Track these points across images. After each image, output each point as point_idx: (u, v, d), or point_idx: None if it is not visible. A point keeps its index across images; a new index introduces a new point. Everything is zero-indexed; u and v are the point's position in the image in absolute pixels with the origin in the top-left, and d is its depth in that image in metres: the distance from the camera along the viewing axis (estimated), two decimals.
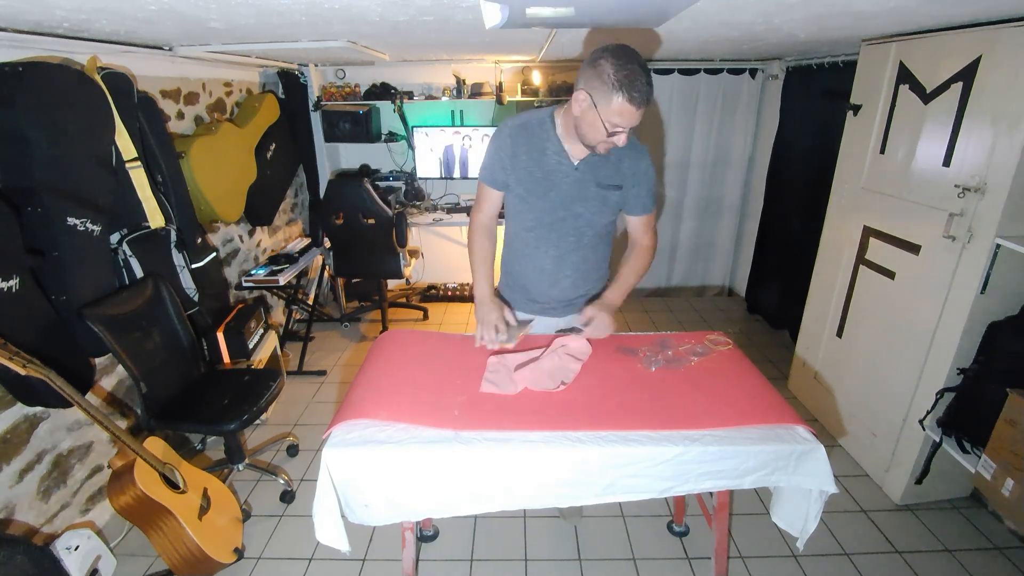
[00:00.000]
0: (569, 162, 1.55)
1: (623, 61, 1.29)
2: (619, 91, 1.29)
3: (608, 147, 1.44)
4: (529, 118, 1.58)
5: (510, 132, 1.57)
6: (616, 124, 1.35)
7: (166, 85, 2.56)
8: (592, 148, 1.47)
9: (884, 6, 1.55)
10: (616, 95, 1.30)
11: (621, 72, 1.28)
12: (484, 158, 1.63)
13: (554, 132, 1.54)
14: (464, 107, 3.97)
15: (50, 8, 1.37)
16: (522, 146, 1.55)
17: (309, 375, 3.26)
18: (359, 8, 1.51)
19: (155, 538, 1.70)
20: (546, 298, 1.72)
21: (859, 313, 2.43)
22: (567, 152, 1.54)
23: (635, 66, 1.29)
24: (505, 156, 1.57)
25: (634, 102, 1.30)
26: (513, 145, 1.56)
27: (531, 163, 1.55)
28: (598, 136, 1.40)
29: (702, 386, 1.45)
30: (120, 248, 2.05)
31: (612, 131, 1.37)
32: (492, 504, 1.29)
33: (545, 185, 1.56)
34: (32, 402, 1.69)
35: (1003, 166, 1.70)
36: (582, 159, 1.54)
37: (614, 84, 1.29)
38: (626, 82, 1.28)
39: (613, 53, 1.31)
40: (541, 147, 1.55)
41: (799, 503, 1.38)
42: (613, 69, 1.29)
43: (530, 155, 1.55)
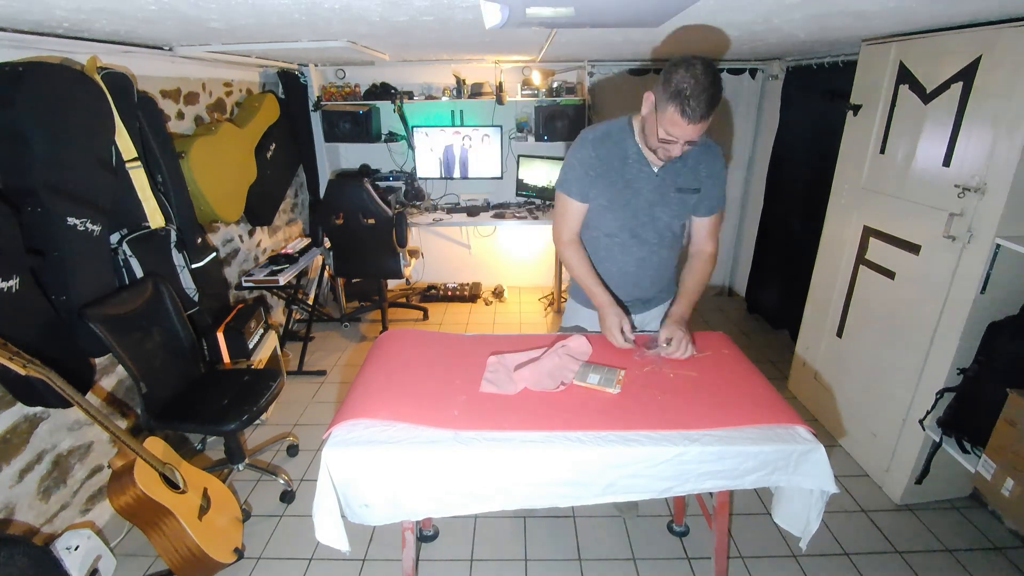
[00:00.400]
0: (650, 169, 1.57)
1: (690, 73, 1.28)
2: (674, 101, 1.31)
3: (665, 154, 1.45)
4: (609, 127, 1.59)
5: (593, 144, 1.57)
6: (668, 133, 1.37)
7: (166, 85, 2.56)
8: (653, 151, 1.49)
9: (884, 6, 1.55)
10: (671, 104, 1.32)
11: (683, 83, 1.29)
12: (565, 171, 1.63)
13: (633, 139, 1.56)
14: (464, 107, 3.97)
15: (50, 8, 1.37)
16: (604, 156, 1.57)
17: (309, 375, 3.26)
18: (359, 8, 1.51)
19: (155, 538, 1.70)
20: (628, 298, 1.75)
21: (859, 313, 2.43)
22: (647, 159, 1.56)
23: (700, 80, 1.28)
24: (589, 169, 1.58)
25: (685, 115, 1.31)
26: (596, 156, 1.57)
27: (613, 173, 1.57)
28: (653, 140, 1.43)
29: (702, 386, 1.45)
30: (120, 248, 2.05)
31: (664, 139, 1.39)
32: (492, 504, 1.29)
33: (627, 194, 1.58)
34: (32, 402, 1.70)
35: (1003, 166, 1.70)
36: (662, 166, 1.56)
37: (672, 93, 1.31)
38: (683, 94, 1.29)
39: (686, 63, 1.30)
40: (623, 156, 1.56)
41: (800, 503, 1.38)
42: (679, 78, 1.29)
43: (612, 165, 1.57)
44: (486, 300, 4.35)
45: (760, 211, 3.82)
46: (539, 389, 1.43)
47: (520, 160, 4.03)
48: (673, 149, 1.41)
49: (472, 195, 4.19)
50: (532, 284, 4.60)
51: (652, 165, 1.56)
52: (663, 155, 1.47)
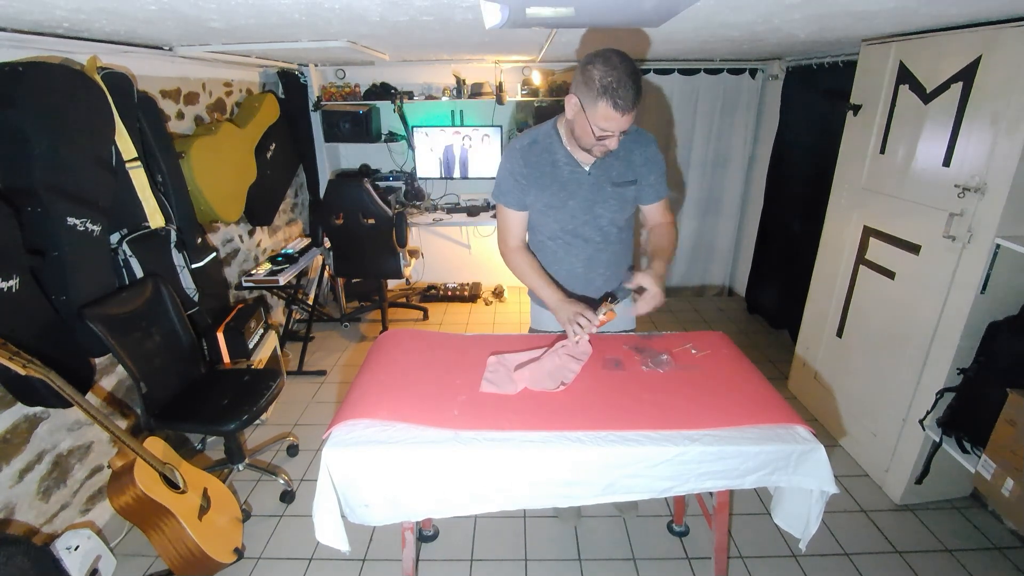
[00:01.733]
0: (581, 169, 1.57)
1: (610, 67, 1.31)
2: (603, 96, 1.32)
3: (602, 150, 1.47)
4: (535, 135, 1.60)
5: (521, 153, 1.58)
6: (603, 128, 1.38)
7: (166, 85, 2.56)
8: (588, 151, 1.49)
9: (884, 6, 1.55)
10: (600, 100, 1.33)
11: (607, 78, 1.30)
12: (499, 183, 1.64)
13: (560, 143, 1.57)
14: (464, 107, 3.97)
15: (50, 8, 1.37)
16: (534, 163, 1.57)
17: (309, 375, 3.26)
18: (359, 8, 1.51)
19: (155, 538, 1.70)
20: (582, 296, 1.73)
21: (859, 313, 2.43)
22: (577, 160, 1.57)
23: (621, 72, 1.30)
24: (520, 177, 1.58)
25: (618, 108, 1.32)
26: (526, 165, 1.58)
27: (545, 177, 1.58)
28: (588, 140, 1.43)
29: (702, 386, 1.45)
30: (120, 248, 2.05)
31: (600, 135, 1.39)
32: (492, 504, 1.29)
33: (562, 196, 1.59)
34: (32, 402, 1.70)
35: (1003, 166, 1.70)
36: (592, 163, 1.56)
37: (599, 90, 1.32)
38: (611, 88, 1.30)
39: (602, 58, 1.32)
40: (552, 160, 1.57)
41: (800, 504, 1.38)
42: (599, 75, 1.31)
43: (543, 170, 1.58)
44: (486, 300, 4.35)
45: (760, 211, 3.82)
46: (539, 389, 1.43)
47: None
48: (610, 143, 1.42)
49: (472, 195, 4.19)
50: None
51: (583, 164, 1.57)
52: (600, 151, 1.48)
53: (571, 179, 1.58)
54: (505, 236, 1.68)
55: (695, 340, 1.71)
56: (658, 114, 3.84)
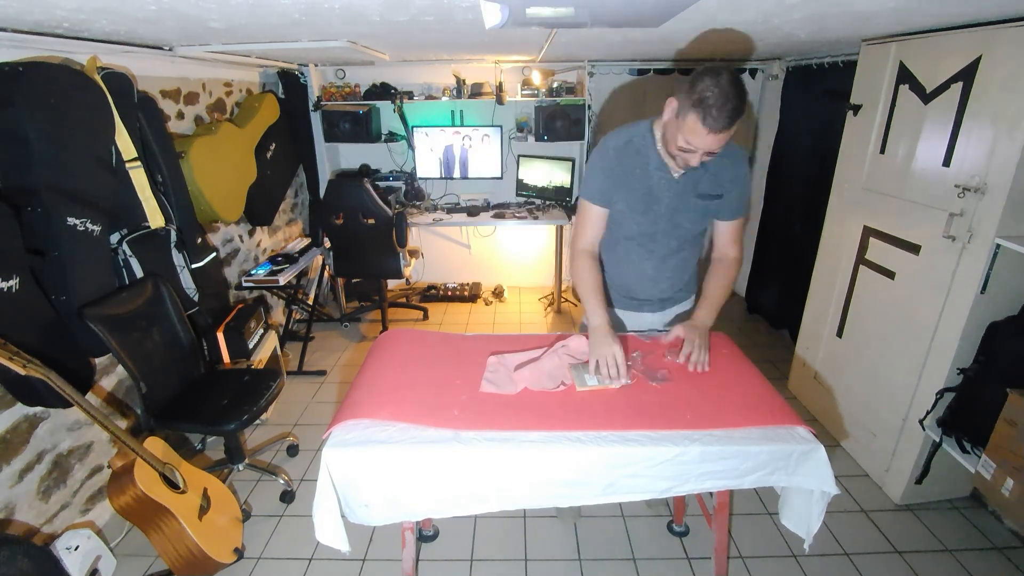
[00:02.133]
0: (670, 176, 1.54)
1: (715, 82, 1.27)
2: (696, 108, 1.29)
3: (684, 163, 1.43)
4: (632, 133, 1.57)
5: (615, 151, 1.56)
6: (688, 142, 1.34)
7: (166, 85, 2.56)
8: (672, 157, 1.46)
9: (884, 6, 1.55)
10: (692, 111, 1.29)
11: (707, 91, 1.27)
12: (587, 178, 1.61)
13: (654, 146, 1.54)
14: (464, 107, 3.97)
15: (50, 8, 1.37)
16: (627, 164, 1.55)
17: (309, 375, 3.26)
18: (359, 8, 1.51)
19: (155, 538, 1.70)
20: (647, 296, 1.76)
21: (859, 313, 2.43)
22: (668, 166, 1.53)
23: (724, 90, 1.26)
24: (610, 175, 1.56)
25: (706, 124, 1.28)
26: (619, 163, 1.55)
27: (634, 180, 1.55)
28: (672, 147, 1.41)
29: (702, 386, 1.45)
30: (120, 248, 2.05)
31: (683, 147, 1.37)
32: (492, 504, 1.28)
33: (648, 200, 1.57)
34: (32, 402, 1.70)
35: (1003, 166, 1.69)
36: (682, 172, 1.53)
37: (695, 101, 1.28)
38: (706, 102, 1.27)
39: (713, 72, 1.29)
40: (644, 163, 1.55)
41: (801, 504, 1.38)
42: (703, 87, 1.27)
43: (633, 172, 1.55)
44: (486, 300, 4.35)
45: (760, 211, 3.82)
46: (539, 389, 1.43)
47: (520, 160, 4.03)
48: (691, 159, 1.39)
49: (472, 195, 4.19)
50: (532, 284, 4.60)
51: (672, 171, 1.54)
52: (681, 163, 1.45)
53: (659, 184, 1.55)
54: (580, 234, 1.65)
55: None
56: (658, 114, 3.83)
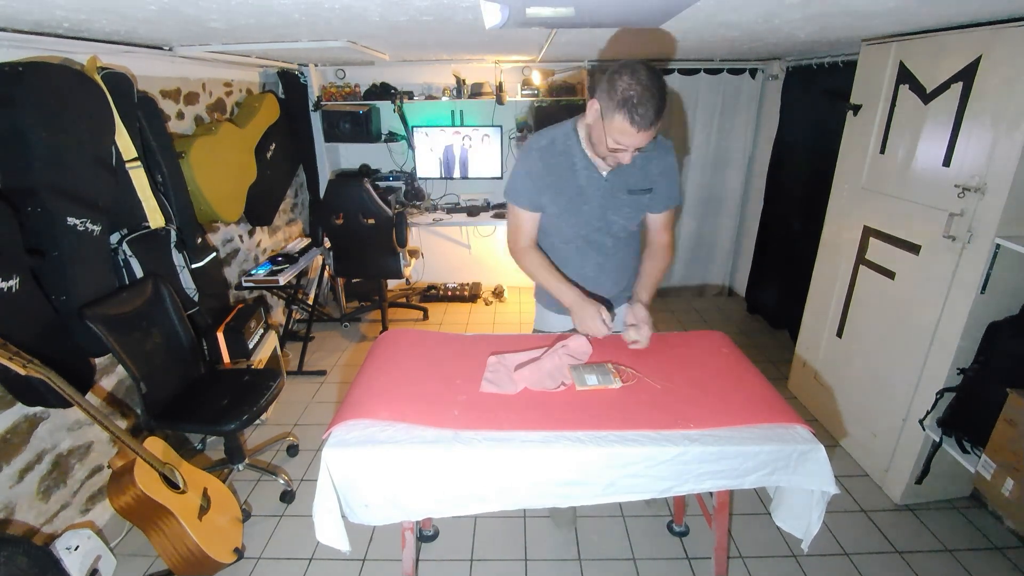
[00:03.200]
0: (599, 175, 1.54)
1: (635, 80, 1.26)
2: (622, 109, 1.28)
3: (614, 162, 1.44)
4: (554, 135, 1.56)
5: (539, 153, 1.55)
6: (617, 141, 1.34)
7: (166, 85, 2.56)
8: (602, 158, 1.47)
9: (884, 6, 1.55)
10: (618, 112, 1.29)
11: (629, 91, 1.26)
12: (513, 182, 1.60)
13: (579, 146, 1.53)
14: (464, 107, 3.97)
15: (50, 8, 1.37)
16: (552, 165, 1.54)
17: (309, 375, 3.26)
18: (359, 8, 1.51)
19: (155, 538, 1.70)
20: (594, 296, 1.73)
21: (859, 313, 2.43)
22: (595, 165, 1.53)
23: (646, 87, 1.26)
24: (536, 177, 1.55)
25: (634, 124, 1.28)
26: (543, 165, 1.54)
27: (562, 181, 1.55)
28: (602, 148, 1.40)
29: (702, 386, 1.45)
30: (120, 248, 2.05)
31: (614, 148, 1.37)
32: (492, 504, 1.28)
33: (578, 200, 1.57)
34: (32, 402, 1.70)
35: (1003, 166, 1.70)
36: (610, 169, 1.53)
37: (619, 101, 1.28)
38: (631, 101, 1.26)
39: (630, 69, 1.28)
40: (570, 163, 1.54)
41: (801, 504, 1.38)
42: (623, 86, 1.27)
43: (560, 173, 1.54)
44: (486, 300, 4.35)
45: (760, 211, 3.82)
46: (539, 389, 1.43)
47: None
48: (623, 157, 1.39)
49: (472, 195, 4.19)
50: (532, 284, 4.58)
51: (600, 170, 1.54)
52: (612, 163, 1.45)
53: (588, 184, 1.55)
54: (516, 236, 1.65)
55: (695, 340, 1.71)
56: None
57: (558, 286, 1.58)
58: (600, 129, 1.37)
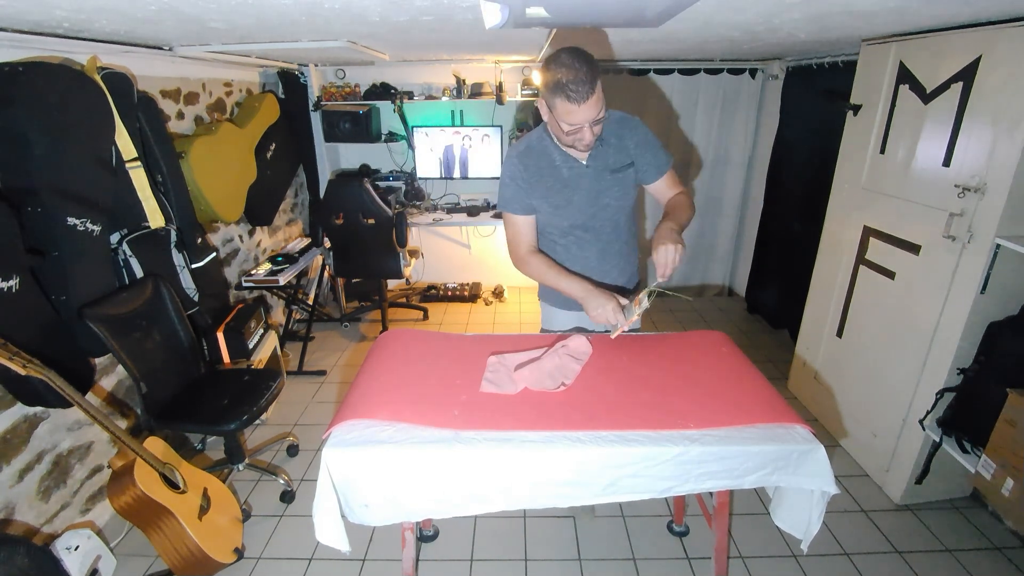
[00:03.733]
0: (579, 164, 1.60)
1: (559, 64, 1.34)
2: (558, 93, 1.35)
3: (582, 144, 1.49)
4: (529, 140, 1.63)
5: (519, 158, 1.61)
6: (569, 123, 1.40)
7: (166, 85, 2.56)
8: (572, 147, 1.53)
9: (884, 6, 1.55)
10: (557, 98, 1.37)
11: (556, 75, 1.34)
12: (503, 191, 1.65)
13: (552, 143, 1.60)
14: (464, 107, 3.97)
15: (50, 8, 1.37)
16: (533, 167, 1.60)
17: (309, 375, 3.26)
18: (359, 8, 1.51)
19: (155, 538, 1.70)
20: None
21: (859, 313, 2.43)
22: (573, 156, 1.59)
23: (570, 66, 1.32)
24: (522, 182, 1.61)
25: (572, 100, 1.34)
26: (525, 169, 1.60)
27: (547, 179, 1.60)
28: (565, 138, 1.47)
29: (702, 386, 1.45)
30: (120, 248, 2.05)
31: (569, 130, 1.42)
32: (492, 504, 1.28)
33: (566, 193, 1.61)
34: (32, 402, 1.70)
35: (1003, 166, 1.70)
36: (589, 156, 1.59)
37: (552, 88, 1.36)
38: (561, 83, 1.34)
39: (553, 58, 1.36)
40: (549, 162, 1.60)
41: (800, 505, 1.38)
42: (550, 74, 1.36)
43: (543, 172, 1.60)
44: (486, 300, 4.35)
45: (760, 211, 3.82)
46: (539, 389, 1.43)
47: None
48: (584, 135, 1.44)
49: (472, 195, 4.19)
50: (532, 284, 4.52)
51: (580, 159, 1.60)
52: (581, 146, 1.50)
53: (572, 175, 1.60)
54: (516, 244, 1.68)
55: (695, 340, 1.71)
56: (658, 114, 3.84)
57: (567, 283, 1.59)
58: (554, 121, 1.45)
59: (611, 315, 1.49)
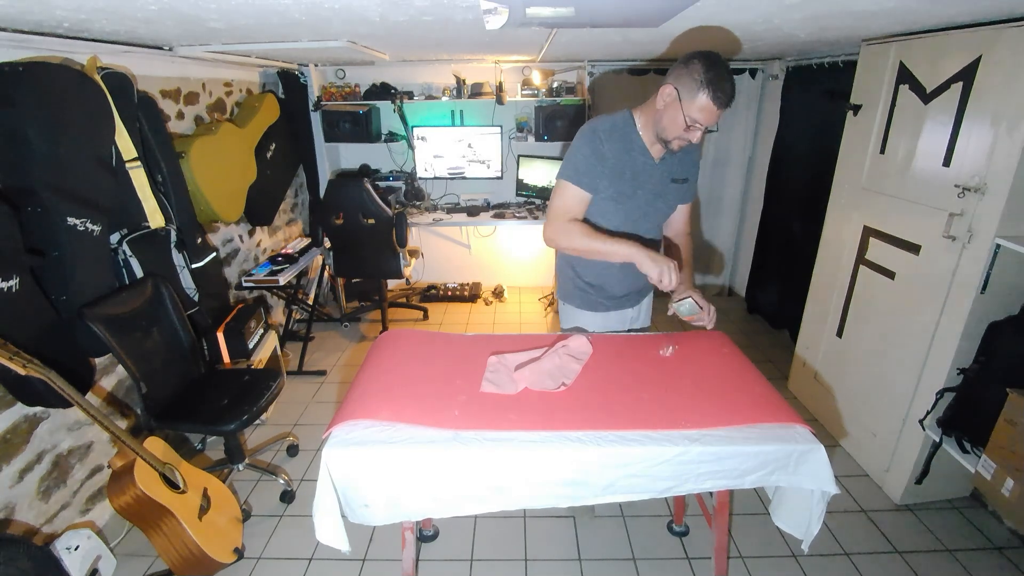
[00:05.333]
0: (652, 160, 1.62)
1: (712, 63, 1.40)
2: (705, 89, 1.40)
3: (681, 143, 1.53)
4: (614, 120, 1.61)
5: (605, 135, 1.58)
6: (695, 120, 1.44)
7: (166, 85, 2.56)
8: (666, 143, 1.55)
9: (884, 6, 1.55)
10: (702, 92, 1.41)
11: (710, 73, 1.39)
12: (575, 162, 1.58)
13: (637, 132, 1.60)
14: (464, 107, 3.97)
15: (50, 8, 1.37)
16: (615, 147, 1.59)
17: (309, 375, 3.26)
18: (359, 8, 1.51)
19: (155, 538, 1.70)
20: (629, 289, 1.79)
21: (859, 313, 2.43)
22: (649, 151, 1.61)
23: (722, 70, 1.40)
24: (601, 160, 1.58)
25: (717, 101, 1.41)
26: (608, 148, 1.58)
27: (621, 164, 1.60)
28: (676, 131, 1.49)
29: (702, 386, 1.45)
30: (120, 248, 2.05)
31: (690, 125, 1.46)
32: (492, 504, 1.29)
33: (633, 184, 1.62)
34: (32, 402, 1.69)
35: (1003, 166, 1.70)
36: (661, 157, 1.62)
37: (702, 82, 1.40)
38: (713, 82, 1.39)
39: (705, 56, 1.41)
40: (628, 147, 1.60)
41: (800, 505, 1.38)
42: (703, 68, 1.40)
43: (619, 156, 1.59)
44: (486, 300, 4.35)
45: (760, 211, 3.81)
46: (539, 389, 1.43)
47: (520, 160, 4.03)
48: (695, 135, 1.48)
49: (472, 195, 4.19)
50: (532, 284, 4.60)
51: (653, 156, 1.62)
52: (679, 144, 1.53)
53: (643, 169, 1.62)
54: (559, 212, 1.60)
55: (695, 340, 1.71)
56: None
57: (614, 243, 1.53)
58: (675, 110, 1.46)
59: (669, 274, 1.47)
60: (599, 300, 1.78)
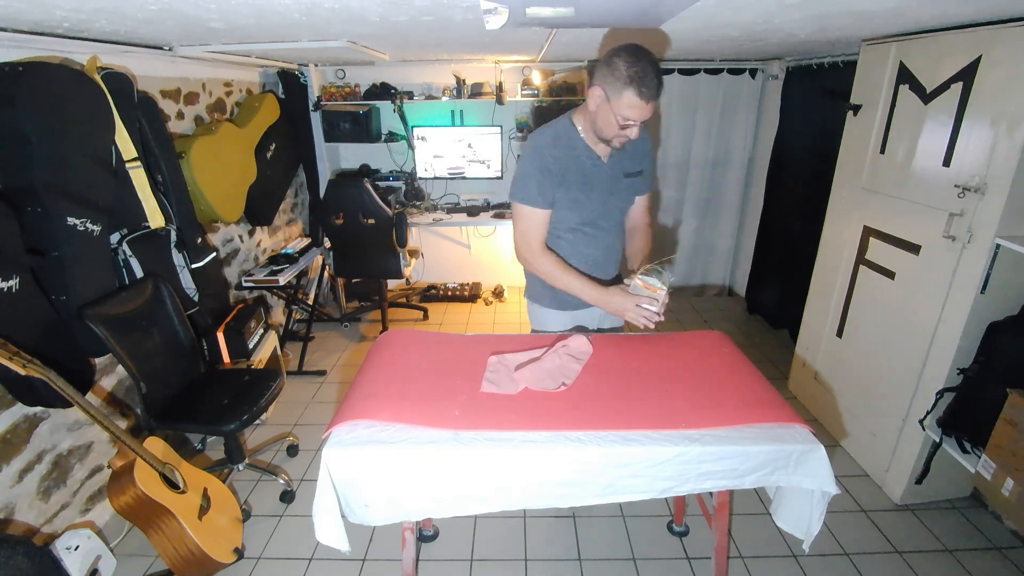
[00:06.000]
0: (601, 161, 1.63)
1: (634, 59, 1.38)
2: (630, 85, 1.39)
3: (622, 140, 1.52)
4: (555, 131, 1.61)
5: (549, 149, 1.58)
6: (627, 118, 1.44)
7: (166, 85, 2.56)
8: (607, 142, 1.55)
9: (884, 6, 1.55)
10: (627, 89, 1.39)
11: (632, 68, 1.38)
12: (525, 182, 1.59)
13: (579, 136, 1.61)
14: (464, 107, 3.97)
15: (50, 8, 1.37)
16: (561, 157, 1.59)
17: (309, 375, 3.26)
18: (359, 8, 1.51)
19: (155, 538, 1.70)
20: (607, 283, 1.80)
21: (859, 313, 2.43)
22: (595, 153, 1.62)
23: (646, 63, 1.38)
24: (550, 174, 1.58)
25: (643, 96, 1.39)
26: (555, 160, 1.58)
27: (571, 172, 1.60)
28: (611, 130, 1.49)
29: (702, 386, 1.45)
30: (120, 248, 2.05)
31: (624, 124, 1.45)
32: (492, 504, 1.29)
33: (586, 188, 1.63)
34: (32, 402, 1.69)
35: (1003, 166, 1.69)
36: (608, 155, 1.63)
37: (625, 80, 1.39)
38: (636, 78, 1.37)
39: (626, 51, 1.40)
40: (574, 155, 1.60)
41: (801, 505, 1.38)
42: (625, 66, 1.38)
43: (568, 164, 1.60)
44: (486, 300, 4.35)
45: (760, 211, 3.82)
46: (540, 389, 1.43)
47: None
48: (632, 132, 1.48)
49: (472, 195, 4.20)
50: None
51: (602, 157, 1.63)
52: (619, 142, 1.53)
53: (592, 171, 1.62)
54: (528, 239, 1.64)
55: (694, 340, 1.71)
56: (658, 114, 3.84)
57: (580, 285, 1.61)
58: (607, 111, 1.46)
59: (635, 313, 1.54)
60: (567, 298, 1.75)
